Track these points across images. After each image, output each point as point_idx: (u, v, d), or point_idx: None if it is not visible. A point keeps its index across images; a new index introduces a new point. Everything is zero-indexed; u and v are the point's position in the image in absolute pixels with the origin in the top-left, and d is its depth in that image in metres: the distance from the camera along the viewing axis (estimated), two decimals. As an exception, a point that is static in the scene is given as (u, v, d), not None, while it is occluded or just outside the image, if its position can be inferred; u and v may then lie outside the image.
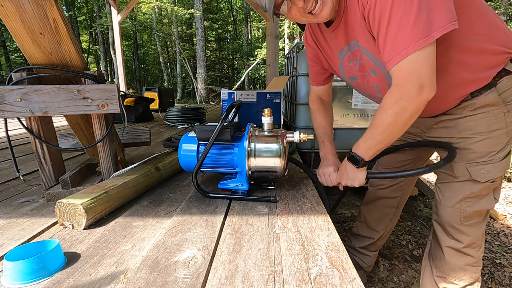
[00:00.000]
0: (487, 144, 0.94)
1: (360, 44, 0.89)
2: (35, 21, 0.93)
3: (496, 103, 0.90)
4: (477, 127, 0.94)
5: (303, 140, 1.03)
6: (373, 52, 0.87)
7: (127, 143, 1.52)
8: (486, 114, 0.92)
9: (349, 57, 0.97)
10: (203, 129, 1.00)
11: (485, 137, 0.93)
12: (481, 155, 0.95)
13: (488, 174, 0.95)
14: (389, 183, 1.35)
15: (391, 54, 0.74)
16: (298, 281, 0.59)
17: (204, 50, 11.65)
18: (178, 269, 0.64)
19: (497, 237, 2.15)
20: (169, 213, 0.93)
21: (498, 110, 0.91)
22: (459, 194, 1.01)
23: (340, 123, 2.01)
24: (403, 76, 0.75)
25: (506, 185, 3.07)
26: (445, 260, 1.10)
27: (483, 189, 0.98)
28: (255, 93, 1.90)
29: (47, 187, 1.12)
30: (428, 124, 1.09)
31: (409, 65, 0.73)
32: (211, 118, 3.88)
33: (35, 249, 0.69)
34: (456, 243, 1.06)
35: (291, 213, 0.90)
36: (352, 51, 0.94)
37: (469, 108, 0.94)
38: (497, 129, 0.92)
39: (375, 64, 0.90)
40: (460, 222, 1.03)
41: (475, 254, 1.07)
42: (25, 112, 0.99)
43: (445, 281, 1.12)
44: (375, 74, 0.94)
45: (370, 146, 0.90)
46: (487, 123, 0.92)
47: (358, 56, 0.94)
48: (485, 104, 0.91)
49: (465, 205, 1.01)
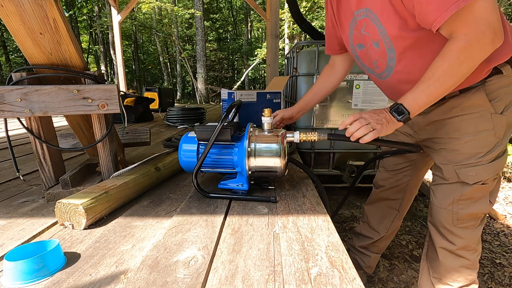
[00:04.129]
0: (474, 145, 0.93)
1: (373, 11, 0.86)
2: (35, 21, 0.93)
3: (483, 103, 0.90)
4: (464, 128, 0.94)
5: (303, 140, 1.02)
6: (383, 21, 0.85)
7: (127, 143, 1.52)
8: (473, 115, 0.92)
9: (357, 25, 0.96)
10: (203, 129, 1.00)
11: (472, 138, 0.93)
12: (468, 156, 0.94)
13: (476, 176, 0.94)
14: (390, 185, 1.35)
15: (444, 5, 0.69)
16: (298, 281, 0.59)
17: (204, 50, 11.65)
18: (178, 269, 0.64)
19: (497, 237, 2.14)
20: (169, 213, 0.93)
21: (485, 111, 0.90)
22: (450, 196, 1.01)
23: (340, 123, 2.01)
24: (470, 24, 0.70)
25: (506, 185, 3.07)
26: (440, 261, 1.10)
27: (474, 191, 0.97)
28: (255, 93, 1.90)
29: (47, 187, 1.12)
30: (420, 125, 1.09)
31: (477, 10, 0.68)
32: (211, 118, 3.88)
33: (35, 249, 0.69)
34: (450, 244, 1.06)
35: (291, 213, 0.90)
36: (360, 18, 0.92)
37: (457, 107, 0.93)
38: (484, 130, 0.91)
39: (381, 34, 0.88)
40: (453, 224, 1.03)
41: (470, 257, 1.06)
42: (25, 112, 0.99)
43: (440, 282, 1.12)
44: (377, 46, 0.92)
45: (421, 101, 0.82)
46: (474, 123, 0.92)
47: (364, 26, 0.92)
48: (471, 104, 0.91)
49: (458, 207, 1.00)
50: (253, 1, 5.05)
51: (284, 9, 10.02)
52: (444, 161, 1.00)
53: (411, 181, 1.31)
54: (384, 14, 0.84)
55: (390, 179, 1.34)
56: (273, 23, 4.33)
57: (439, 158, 1.03)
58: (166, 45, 19.43)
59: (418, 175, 1.30)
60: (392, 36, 0.86)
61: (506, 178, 3.18)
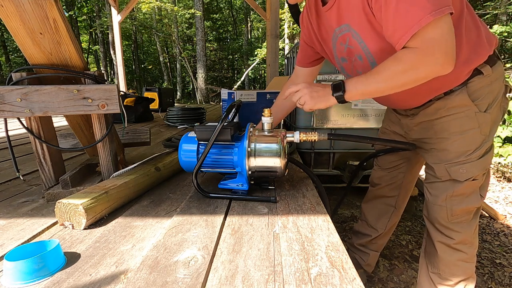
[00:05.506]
0: (462, 144, 0.96)
1: (352, 27, 0.89)
2: (35, 21, 0.93)
3: (466, 103, 0.93)
4: (451, 128, 0.97)
5: (303, 140, 1.02)
6: (363, 37, 0.88)
7: (127, 143, 1.52)
8: (458, 115, 0.95)
9: (339, 40, 0.98)
10: (203, 129, 1.00)
11: (459, 137, 0.96)
12: (458, 154, 0.98)
13: (467, 173, 0.98)
14: (386, 182, 1.37)
15: (407, 24, 0.71)
16: (298, 281, 0.59)
17: (204, 50, 11.65)
18: (178, 269, 0.64)
19: (497, 237, 2.14)
20: (169, 213, 0.93)
21: (469, 110, 0.93)
22: (443, 193, 1.04)
23: (340, 123, 2.01)
24: (426, 42, 0.72)
25: (506, 185, 3.07)
26: (438, 255, 1.12)
27: (465, 187, 1.00)
28: (255, 93, 1.90)
29: (47, 187, 1.12)
30: (409, 126, 1.13)
31: (434, 31, 0.70)
32: (211, 118, 3.88)
33: (35, 249, 0.69)
34: (448, 239, 1.08)
35: (291, 213, 0.90)
36: (342, 34, 0.95)
37: (443, 108, 0.97)
38: (470, 129, 0.95)
39: (363, 49, 0.91)
40: (448, 219, 1.06)
41: (468, 250, 1.08)
42: (25, 112, 0.99)
43: (439, 277, 1.14)
44: (360, 59, 0.96)
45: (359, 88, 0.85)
46: (459, 123, 0.95)
47: (347, 40, 0.95)
48: (456, 105, 0.94)
49: (451, 203, 1.03)
50: (253, 1, 5.05)
51: (284, 9, 10.01)
52: (436, 161, 1.04)
53: (406, 177, 1.33)
54: (364, 30, 0.86)
55: (385, 176, 1.36)
56: (273, 23, 4.34)
57: (430, 158, 1.07)
58: (166, 45, 19.43)
59: (412, 171, 1.32)
60: (374, 51, 0.90)
61: (506, 178, 3.18)
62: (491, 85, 0.92)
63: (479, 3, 8.95)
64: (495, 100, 0.94)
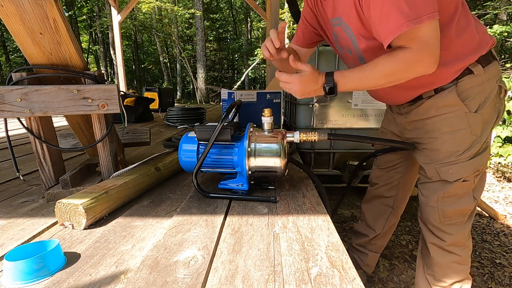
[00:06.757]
0: (452, 144, 0.96)
1: (344, 20, 0.90)
2: (35, 21, 0.93)
3: (456, 103, 0.93)
4: (442, 128, 0.97)
5: (303, 140, 1.02)
6: (354, 31, 0.89)
7: (127, 143, 1.52)
8: (448, 115, 0.95)
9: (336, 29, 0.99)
10: (203, 129, 1.00)
11: (449, 137, 0.96)
12: (448, 154, 0.97)
13: (456, 174, 0.97)
14: (383, 182, 1.37)
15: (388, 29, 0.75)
16: (298, 281, 0.59)
17: (204, 50, 11.64)
18: (178, 269, 0.64)
19: (497, 237, 2.14)
20: (169, 213, 0.93)
21: (459, 110, 0.93)
22: (434, 194, 1.04)
23: (340, 123, 2.01)
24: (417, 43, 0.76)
25: (506, 185, 3.07)
26: (431, 257, 1.12)
27: (456, 188, 0.99)
28: (255, 93, 1.90)
29: (47, 187, 1.12)
30: (403, 125, 1.13)
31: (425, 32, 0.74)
32: (211, 118, 3.88)
33: (35, 249, 0.69)
34: (439, 241, 1.08)
35: (291, 213, 0.90)
36: (335, 27, 0.96)
37: (434, 107, 0.97)
38: (460, 129, 0.94)
39: (352, 43, 0.92)
40: (440, 221, 1.05)
41: (461, 252, 1.08)
42: (25, 112, 0.99)
43: (434, 278, 1.14)
44: (350, 53, 0.98)
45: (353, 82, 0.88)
46: (450, 123, 0.95)
47: (339, 34, 0.96)
48: (446, 105, 0.94)
49: (443, 205, 1.03)
50: (253, 1, 5.05)
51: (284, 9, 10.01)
52: (427, 161, 1.04)
53: (403, 178, 1.33)
54: (354, 25, 0.87)
55: (383, 176, 1.36)
56: (273, 23, 4.33)
57: (422, 158, 1.06)
58: (166, 45, 19.41)
59: (410, 172, 1.32)
60: (363, 49, 0.91)
61: (506, 178, 3.18)
62: (482, 85, 0.91)
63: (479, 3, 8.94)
64: (487, 101, 0.92)
